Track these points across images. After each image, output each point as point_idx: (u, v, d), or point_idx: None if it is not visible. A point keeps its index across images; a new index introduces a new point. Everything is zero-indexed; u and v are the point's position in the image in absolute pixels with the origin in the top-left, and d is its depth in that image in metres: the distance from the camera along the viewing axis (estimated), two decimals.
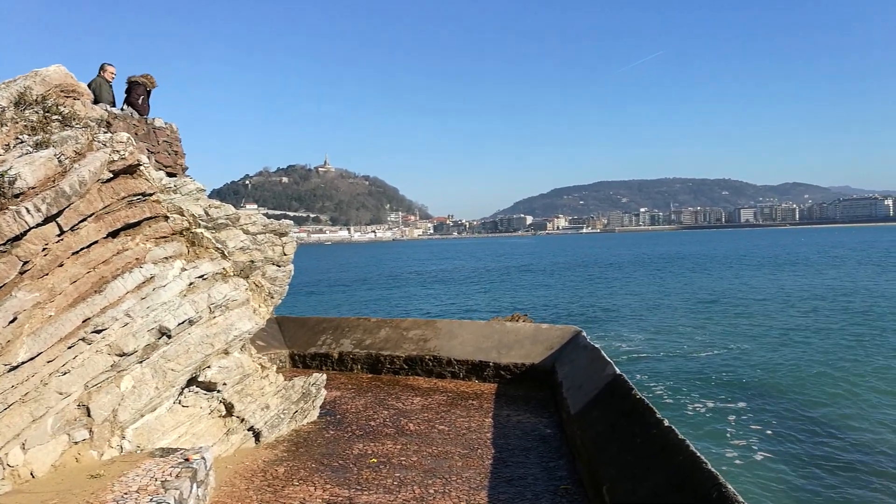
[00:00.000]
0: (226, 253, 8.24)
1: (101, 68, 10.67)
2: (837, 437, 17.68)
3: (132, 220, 6.48)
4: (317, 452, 7.78)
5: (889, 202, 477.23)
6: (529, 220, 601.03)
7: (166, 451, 6.05)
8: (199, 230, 7.73)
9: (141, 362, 6.44)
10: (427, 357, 11.94)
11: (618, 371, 8.20)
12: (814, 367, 26.07)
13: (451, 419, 9.11)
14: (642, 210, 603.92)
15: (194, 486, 5.45)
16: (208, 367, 7.28)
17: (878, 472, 15.21)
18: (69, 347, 5.64)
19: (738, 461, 16.13)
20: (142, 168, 6.71)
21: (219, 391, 7.48)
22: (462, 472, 6.99)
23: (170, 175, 9.21)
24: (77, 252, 5.82)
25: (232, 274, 7.90)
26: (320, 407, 9.45)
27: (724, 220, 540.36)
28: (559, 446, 7.88)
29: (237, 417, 7.75)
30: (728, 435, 18.08)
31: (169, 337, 6.62)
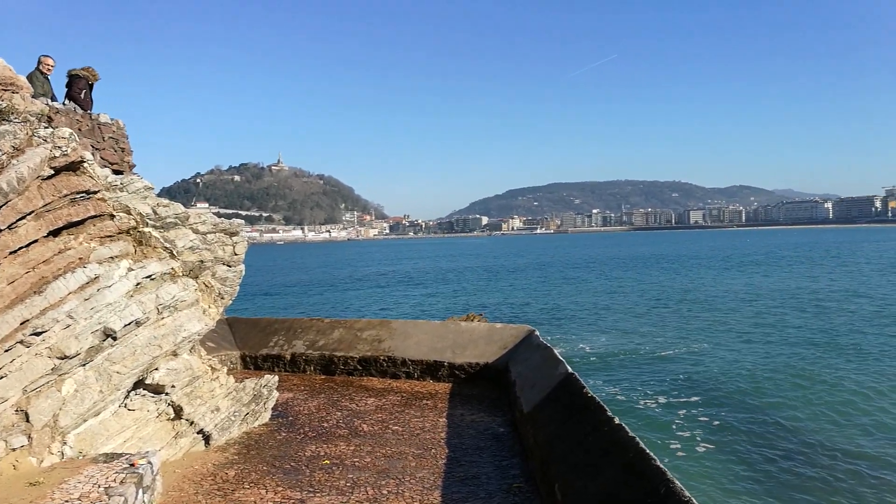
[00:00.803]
0: (175, 253, 8.06)
1: (39, 61, 10.30)
2: (783, 432, 18.25)
3: (75, 219, 6.27)
4: (268, 455, 7.67)
5: (828, 205, 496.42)
6: (485, 220, 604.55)
7: (110, 457, 5.87)
8: (146, 229, 7.53)
9: (84, 365, 6.23)
10: (381, 357, 11.89)
11: (570, 370, 8.31)
12: (765, 365, 26.87)
13: (406, 419, 9.09)
14: (595, 211, 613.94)
15: (140, 491, 5.30)
16: (156, 369, 7.10)
17: (817, 464, 15.78)
18: (6, 350, 5.42)
19: (680, 452, 16.54)
20: (86, 165, 6.50)
21: (167, 394, 7.30)
22: (416, 473, 6.98)
23: (116, 172, 8.95)
24: (15, 251, 5.60)
25: (181, 274, 7.73)
26: (272, 409, 9.31)
27: (674, 221, 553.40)
28: (512, 445, 7.94)
29: (186, 420, 7.58)
30: (674, 427, 18.53)
31: (114, 339, 6.43)
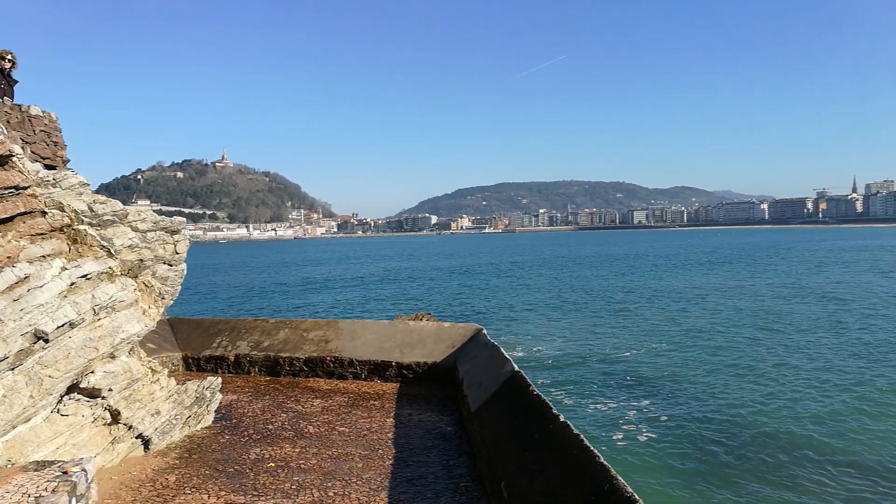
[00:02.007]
0: (112, 251, 7.78)
1: None
2: (727, 426, 18.83)
3: (3, 216, 5.99)
4: (211, 458, 7.49)
5: (765, 206, 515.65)
6: (434, 219, 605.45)
7: (41, 465, 5.62)
8: (81, 227, 7.25)
9: (13, 369, 5.96)
10: (328, 358, 11.76)
11: (516, 368, 8.39)
12: (710, 362, 27.66)
13: (352, 420, 9.02)
14: (541, 211, 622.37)
15: (73, 500, 5.09)
16: (92, 372, 6.84)
17: (761, 455, 16.35)
18: None
19: (626, 451, 16.91)
20: (15, 159, 6.21)
21: (104, 398, 7.04)
22: (362, 474, 6.93)
23: (48, 168, 8.59)
24: None
25: (119, 273, 7.47)
26: (216, 411, 9.10)
27: (618, 221, 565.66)
28: (459, 444, 7.96)
29: (124, 425, 7.34)
30: (620, 423, 18.93)
31: (46, 341, 6.17)
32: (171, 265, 9.73)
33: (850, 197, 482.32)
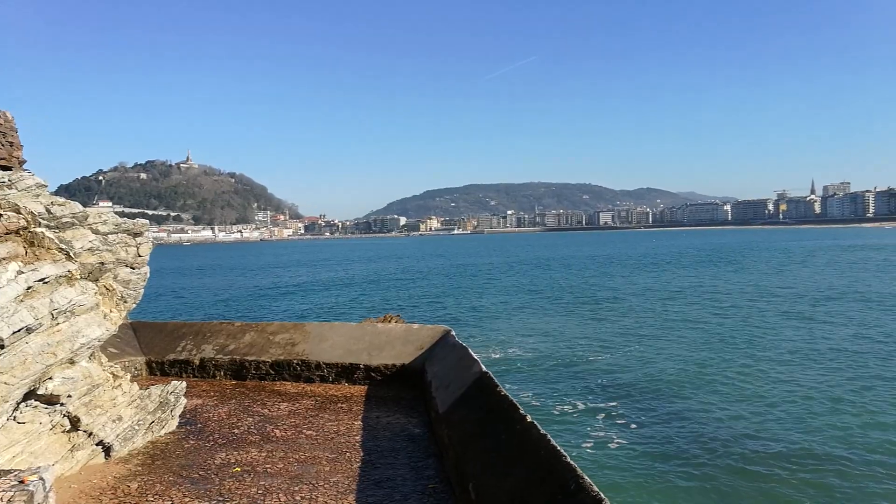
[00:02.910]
0: (72, 254, 7.60)
1: None
2: (694, 426, 19.10)
3: None
4: (175, 464, 7.36)
5: (727, 207, 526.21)
6: (403, 220, 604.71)
7: None
8: (39, 229, 7.07)
9: None
10: (295, 361, 11.65)
11: (484, 369, 8.41)
12: (678, 363, 28.00)
13: (320, 423, 8.95)
14: (509, 212, 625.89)
15: None
16: (50, 378, 6.67)
17: (729, 456, 16.58)
18: None
19: (591, 450, 17.06)
20: None
21: (62, 404, 6.87)
22: (330, 477, 6.88)
23: (3, 169, 8.36)
24: None
25: (79, 277, 7.30)
26: (180, 416, 8.95)
27: (584, 222, 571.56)
28: (427, 446, 7.95)
29: (84, 432, 7.17)
30: (588, 428, 19.08)
31: (1, 347, 6.00)
32: (133, 268, 9.54)
33: (808, 198, 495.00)
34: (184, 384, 9.00)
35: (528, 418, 6.04)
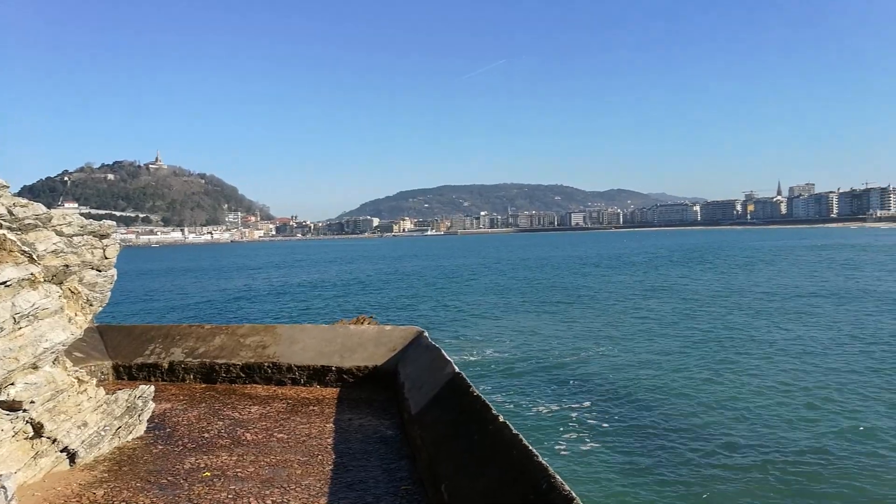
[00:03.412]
0: (35, 257, 7.43)
1: None
2: (666, 427, 19.34)
3: None
4: (143, 470, 7.23)
5: (697, 208, 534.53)
6: (376, 221, 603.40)
7: None
8: (0, 231, 6.90)
9: None
10: (266, 364, 11.54)
11: (457, 370, 8.41)
12: (651, 364, 28.30)
13: (291, 426, 8.87)
14: (483, 214, 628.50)
15: None
16: (11, 384, 6.51)
17: (700, 457, 16.84)
18: None
19: (565, 451, 17.18)
20: None
21: (25, 410, 6.71)
22: (301, 480, 6.82)
23: None
24: None
25: (42, 280, 7.14)
26: (148, 421, 8.80)
27: (556, 223, 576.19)
28: (400, 447, 7.93)
29: (48, 438, 7.01)
30: (561, 429, 19.22)
31: None
32: (99, 270, 9.37)
33: (775, 199, 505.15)
34: (152, 388, 8.86)
35: (501, 418, 6.06)
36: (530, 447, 5.25)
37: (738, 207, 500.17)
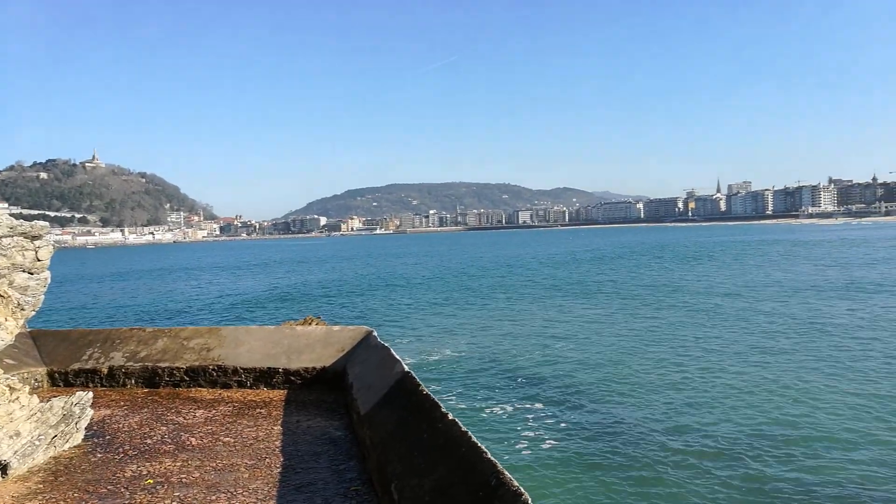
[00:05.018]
0: None
1: None
2: (623, 426, 19.65)
3: None
4: (80, 479, 6.98)
5: (640, 206, 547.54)
6: (323, 220, 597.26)
7: None
8: None
9: None
10: (211, 367, 11.28)
11: (406, 369, 8.40)
12: (608, 361, 28.63)
13: (238, 430, 8.71)
14: (432, 212, 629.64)
15: None
16: None
17: (659, 456, 17.13)
18: None
19: (525, 452, 17.31)
20: None
21: None
22: (249, 484, 6.70)
23: None
24: None
25: None
26: (86, 428, 8.49)
27: (504, 221, 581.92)
28: (349, 448, 7.88)
29: None
30: (519, 429, 19.36)
31: None
32: (31, 273, 8.99)
33: (715, 197, 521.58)
34: (90, 394, 8.56)
35: (450, 416, 6.08)
36: (479, 444, 5.28)
37: (680, 205, 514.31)
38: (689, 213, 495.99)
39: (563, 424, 19.38)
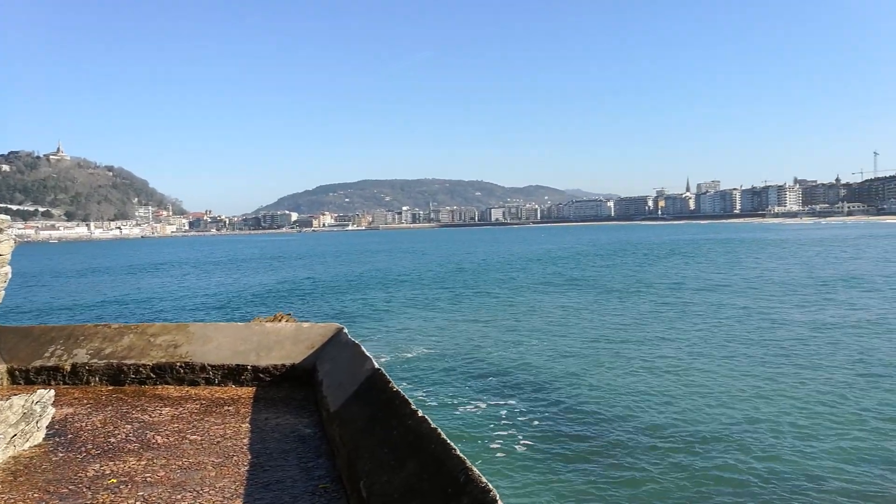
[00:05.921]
0: None
1: None
2: (596, 424, 19.79)
3: None
4: (41, 480, 6.82)
5: (611, 204, 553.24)
6: (295, 216, 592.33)
7: None
8: None
9: None
10: (178, 364, 11.11)
11: (377, 366, 8.37)
12: (580, 359, 28.78)
13: (205, 428, 8.59)
14: (405, 209, 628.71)
15: None
16: None
17: (634, 455, 17.27)
18: None
19: (499, 451, 17.36)
20: None
21: None
22: (215, 483, 6.61)
23: None
24: None
25: None
26: (48, 427, 8.31)
27: (477, 218, 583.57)
28: (319, 446, 7.82)
29: None
30: (492, 427, 19.40)
31: None
32: None
33: (684, 196, 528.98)
34: (52, 392, 8.37)
35: (420, 413, 6.07)
36: (448, 441, 5.28)
37: (650, 203, 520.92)
38: (659, 212, 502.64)
39: (535, 422, 19.50)
